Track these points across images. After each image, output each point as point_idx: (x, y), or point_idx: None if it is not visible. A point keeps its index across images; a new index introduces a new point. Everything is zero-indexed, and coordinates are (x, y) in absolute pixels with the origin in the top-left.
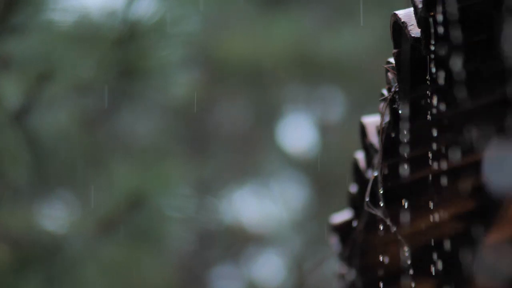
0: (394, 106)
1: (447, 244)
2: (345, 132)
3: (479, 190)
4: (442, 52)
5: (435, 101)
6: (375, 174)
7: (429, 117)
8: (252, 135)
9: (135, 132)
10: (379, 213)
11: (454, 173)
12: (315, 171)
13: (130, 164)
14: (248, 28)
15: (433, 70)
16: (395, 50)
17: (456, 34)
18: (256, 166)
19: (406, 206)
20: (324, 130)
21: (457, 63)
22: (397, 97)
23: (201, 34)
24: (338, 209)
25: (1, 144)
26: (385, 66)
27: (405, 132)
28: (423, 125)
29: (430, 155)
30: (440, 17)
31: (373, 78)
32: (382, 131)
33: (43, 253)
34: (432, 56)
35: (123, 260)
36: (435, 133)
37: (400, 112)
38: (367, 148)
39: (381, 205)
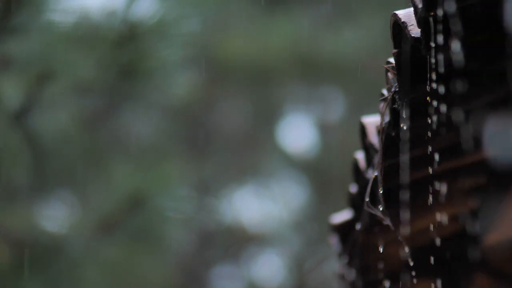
0: (394, 106)
1: (447, 244)
2: (345, 132)
3: (479, 190)
4: (442, 52)
5: (435, 101)
6: (375, 174)
7: (429, 117)
8: (252, 135)
9: (135, 132)
10: (379, 213)
11: (454, 173)
12: (315, 171)
13: (130, 164)
14: (248, 28)
15: (433, 70)
16: (395, 50)
17: (456, 34)
18: (256, 166)
19: (406, 206)
20: (324, 130)
21: (457, 63)
22: (397, 97)
23: (201, 34)
24: (338, 209)
25: (1, 144)
26: (385, 66)
27: (405, 132)
28: (423, 125)
29: (430, 155)
30: (440, 17)
31: (373, 78)
32: (382, 131)
33: (43, 253)
34: (432, 56)
35: (123, 260)
36: (435, 133)
37: (400, 112)
38: (367, 148)
39: (381, 205)
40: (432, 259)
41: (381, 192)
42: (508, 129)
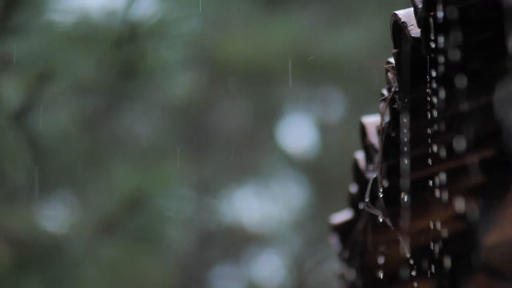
0: (394, 106)
1: (447, 244)
2: (345, 132)
3: (480, 189)
4: (442, 52)
5: (435, 101)
6: (375, 174)
7: (429, 117)
8: (252, 135)
9: (135, 132)
10: (379, 213)
11: (454, 172)
12: (315, 171)
13: (130, 164)
14: (248, 28)
15: (433, 70)
16: (395, 50)
17: (456, 34)
18: (256, 166)
19: (406, 206)
20: (324, 130)
21: (457, 63)
22: (397, 97)
23: (201, 34)
24: (338, 209)
25: (1, 144)
26: (385, 66)
27: (405, 132)
28: (423, 125)
29: (430, 155)
30: (440, 17)
31: (373, 78)
32: (382, 131)
33: (43, 253)
34: (432, 56)
35: (123, 260)
36: (435, 133)
37: (400, 112)
38: (367, 148)
39: (381, 205)
40: (431, 259)
41: (381, 192)
42: None
